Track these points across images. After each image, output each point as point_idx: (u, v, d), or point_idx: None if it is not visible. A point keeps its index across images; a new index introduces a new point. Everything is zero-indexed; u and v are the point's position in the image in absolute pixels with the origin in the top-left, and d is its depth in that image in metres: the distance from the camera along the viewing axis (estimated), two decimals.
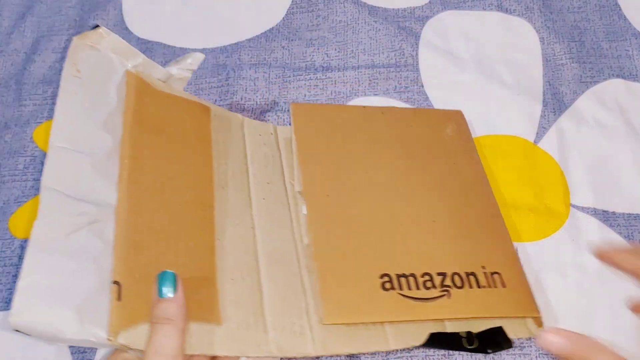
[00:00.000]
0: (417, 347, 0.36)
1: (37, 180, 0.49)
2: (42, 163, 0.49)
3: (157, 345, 0.28)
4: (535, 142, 0.48)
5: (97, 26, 0.37)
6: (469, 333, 0.37)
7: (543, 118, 0.49)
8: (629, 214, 0.45)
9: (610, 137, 0.48)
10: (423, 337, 0.35)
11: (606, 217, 0.45)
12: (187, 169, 0.37)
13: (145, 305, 0.30)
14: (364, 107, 0.46)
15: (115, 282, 0.30)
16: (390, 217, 0.39)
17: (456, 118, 0.46)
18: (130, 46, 0.38)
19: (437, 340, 0.36)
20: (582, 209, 0.45)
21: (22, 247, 0.46)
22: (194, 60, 0.41)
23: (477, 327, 0.37)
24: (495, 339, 0.37)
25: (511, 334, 0.37)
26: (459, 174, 0.43)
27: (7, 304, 0.44)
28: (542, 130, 0.48)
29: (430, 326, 0.36)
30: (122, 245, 0.31)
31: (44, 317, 0.28)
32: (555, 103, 0.49)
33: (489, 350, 0.37)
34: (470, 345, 0.37)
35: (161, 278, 0.31)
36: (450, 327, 0.37)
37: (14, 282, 0.45)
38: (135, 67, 0.38)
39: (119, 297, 0.29)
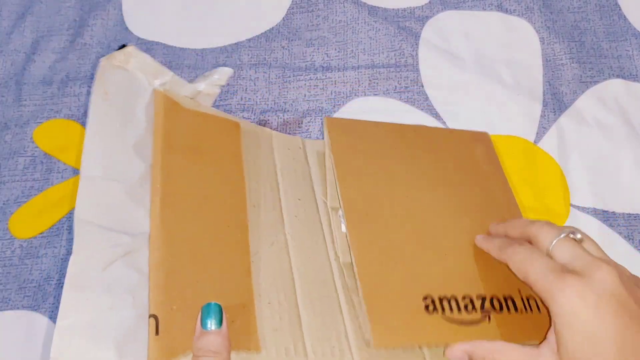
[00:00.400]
0: None
1: (37, 180, 0.49)
2: (42, 163, 0.49)
3: None
4: (535, 142, 0.48)
5: (124, 45, 0.37)
6: None
7: (543, 118, 0.49)
8: (629, 214, 0.45)
9: (611, 137, 0.48)
10: None
11: (606, 217, 0.45)
12: (221, 189, 0.36)
13: (184, 337, 0.29)
14: (396, 124, 0.45)
15: (152, 316, 0.29)
16: (428, 237, 0.38)
17: (483, 139, 0.46)
18: (158, 64, 0.37)
19: None
20: (582, 209, 0.45)
21: (22, 247, 0.46)
22: (222, 76, 0.40)
23: None
24: None
25: None
26: (492, 196, 0.42)
27: (7, 304, 0.44)
28: (542, 130, 0.48)
29: None
30: (157, 276, 0.30)
31: (84, 357, 0.28)
32: (555, 103, 0.49)
33: None
34: None
35: (206, 310, 0.30)
36: None
37: (14, 282, 0.45)
38: (163, 85, 0.38)
39: (156, 332, 0.29)
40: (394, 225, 0.38)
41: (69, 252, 0.46)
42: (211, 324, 0.30)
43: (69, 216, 0.47)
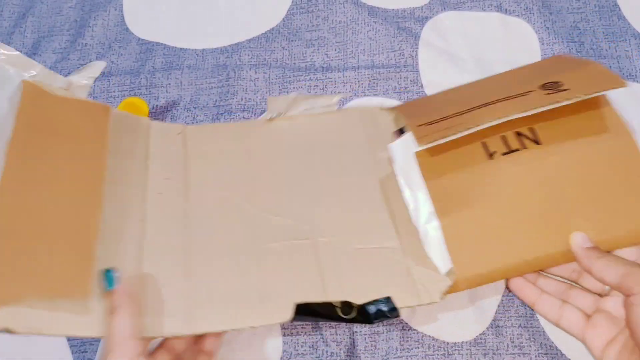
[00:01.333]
0: (292, 322, 0.36)
1: None
2: None
3: (111, 332, 0.32)
4: None
5: None
6: (344, 303, 0.37)
7: None
8: None
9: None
10: (290, 312, 0.36)
11: None
12: (75, 167, 0.38)
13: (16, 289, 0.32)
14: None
15: None
16: None
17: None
18: (27, 58, 0.39)
19: (308, 312, 0.37)
20: None
21: None
22: (95, 69, 0.42)
23: (361, 298, 0.37)
24: (381, 309, 0.37)
25: (399, 303, 0.37)
26: None
27: None
28: None
29: (307, 296, 0.37)
30: None
31: None
32: None
33: (373, 321, 0.37)
34: (346, 315, 0.37)
35: (103, 275, 0.35)
36: (332, 297, 0.37)
37: None
38: (32, 77, 0.39)
39: None
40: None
41: None
42: (109, 285, 0.34)
43: None
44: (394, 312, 0.37)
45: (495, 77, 0.45)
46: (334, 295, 0.38)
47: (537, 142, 0.39)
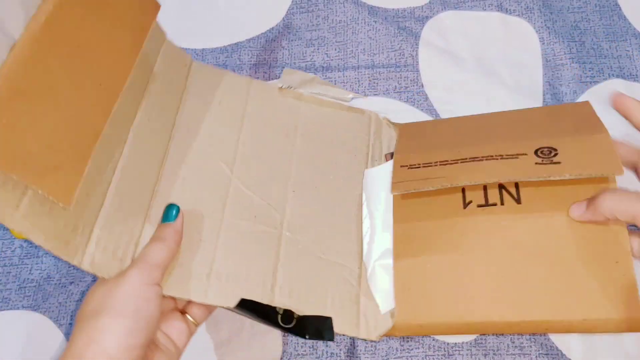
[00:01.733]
0: (235, 310, 0.36)
1: None
2: None
3: (145, 253, 0.34)
4: None
5: None
6: (286, 311, 0.37)
7: None
8: None
9: (611, 137, 0.48)
10: (233, 300, 0.36)
11: None
12: (108, 49, 0.35)
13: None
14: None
15: None
16: None
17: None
18: None
19: (253, 308, 0.36)
20: None
21: (22, 247, 0.46)
22: None
23: (305, 310, 0.37)
24: (319, 327, 0.37)
25: (337, 328, 0.37)
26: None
27: (7, 304, 0.44)
28: None
29: (254, 291, 0.37)
30: None
31: None
32: (555, 103, 0.49)
33: (307, 336, 0.37)
34: (285, 323, 0.37)
35: (166, 209, 0.37)
36: (278, 301, 0.37)
37: (14, 282, 0.45)
38: None
39: None
40: None
41: None
42: (168, 219, 0.36)
43: None
44: (330, 334, 0.37)
45: (499, 118, 0.43)
46: (281, 299, 0.37)
47: (517, 201, 0.37)
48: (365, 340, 0.37)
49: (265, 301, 0.37)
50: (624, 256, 0.34)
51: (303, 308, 0.37)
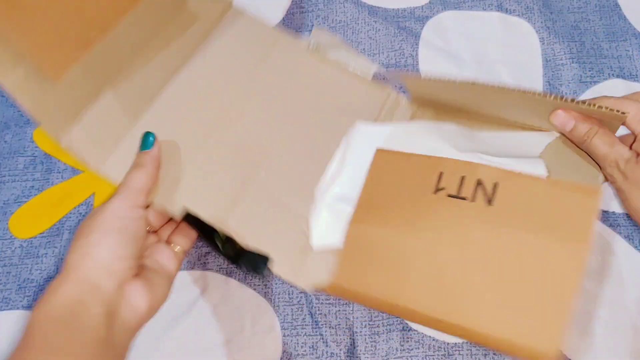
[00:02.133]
0: (183, 220, 0.38)
1: (37, 180, 0.49)
2: (42, 163, 0.49)
3: (127, 179, 0.36)
4: None
5: None
6: (230, 240, 0.38)
7: None
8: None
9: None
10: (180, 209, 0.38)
11: (606, 217, 0.45)
12: None
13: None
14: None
15: None
16: None
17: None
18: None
19: (194, 223, 0.39)
20: None
21: (22, 247, 0.46)
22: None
23: (250, 242, 0.38)
24: (257, 262, 0.38)
25: (276, 269, 0.38)
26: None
27: (7, 304, 0.44)
28: None
29: (209, 209, 0.39)
30: None
31: None
32: None
33: (242, 265, 0.38)
34: (225, 250, 0.39)
35: (143, 137, 0.39)
36: (229, 226, 0.39)
37: (14, 282, 0.45)
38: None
39: None
40: None
41: None
42: (145, 147, 0.38)
43: (69, 216, 0.47)
44: (263, 269, 0.38)
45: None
46: (230, 226, 0.39)
47: (489, 201, 0.35)
48: (299, 289, 0.38)
49: (215, 223, 0.38)
50: (570, 285, 0.32)
51: (248, 242, 0.39)
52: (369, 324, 0.43)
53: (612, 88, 0.50)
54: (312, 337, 0.43)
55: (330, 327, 0.43)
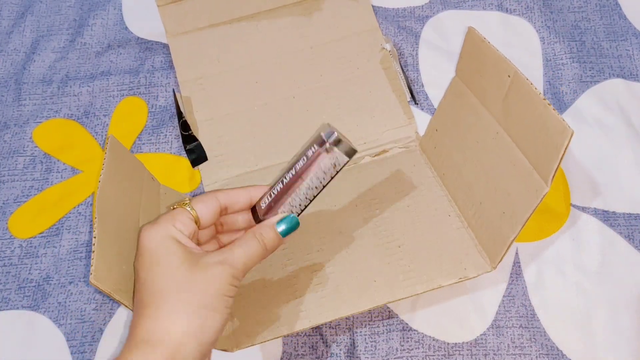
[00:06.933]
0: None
1: (37, 180, 0.49)
2: (42, 163, 0.49)
3: (244, 253, 0.33)
4: None
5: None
6: (193, 136, 0.48)
7: None
8: (629, 213, 0.45)
9: (611, 136, 0.48)
10: None
11: (606, 217, 0.45)
12: None
13: None
14: None
15: None
16: None
17: None
18: None
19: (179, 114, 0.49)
20: (583, 209, 0.45)
21: (22, 247, 0.46)
22: None
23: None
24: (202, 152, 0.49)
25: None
26: None
27: (6, 304, 0.44)
28: None
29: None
30: None
31: None
32: (556, 103, 0.49)
33: (188, 147, 0.48)
34: (187, 140, 0.49)
35: (290, 221, 0.35)
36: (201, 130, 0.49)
37: (14, 281, 0.45)
38: None
39: None
40: None
41: (68, 252, 0.46)
42: (284, 232, 0.35)
43: (69, 216, 0.47)
44: (204, 159, 0.49)
45: None
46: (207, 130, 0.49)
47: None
48: None
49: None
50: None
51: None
52: (369, 324, 0.43)
53: (613, 88, 0.50)
54: (312, 337, 0.43)
55: (330, 327, 0.43)
